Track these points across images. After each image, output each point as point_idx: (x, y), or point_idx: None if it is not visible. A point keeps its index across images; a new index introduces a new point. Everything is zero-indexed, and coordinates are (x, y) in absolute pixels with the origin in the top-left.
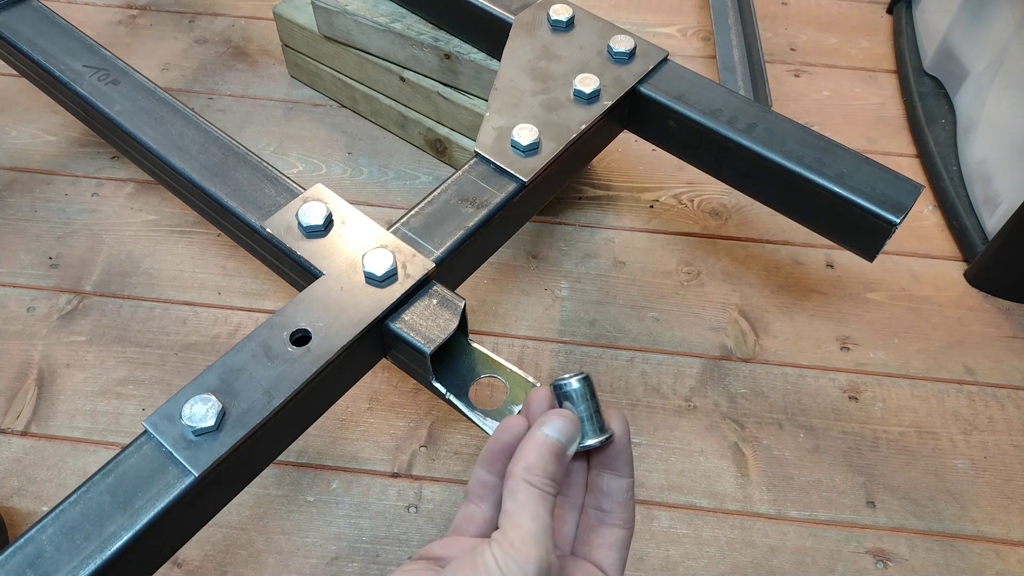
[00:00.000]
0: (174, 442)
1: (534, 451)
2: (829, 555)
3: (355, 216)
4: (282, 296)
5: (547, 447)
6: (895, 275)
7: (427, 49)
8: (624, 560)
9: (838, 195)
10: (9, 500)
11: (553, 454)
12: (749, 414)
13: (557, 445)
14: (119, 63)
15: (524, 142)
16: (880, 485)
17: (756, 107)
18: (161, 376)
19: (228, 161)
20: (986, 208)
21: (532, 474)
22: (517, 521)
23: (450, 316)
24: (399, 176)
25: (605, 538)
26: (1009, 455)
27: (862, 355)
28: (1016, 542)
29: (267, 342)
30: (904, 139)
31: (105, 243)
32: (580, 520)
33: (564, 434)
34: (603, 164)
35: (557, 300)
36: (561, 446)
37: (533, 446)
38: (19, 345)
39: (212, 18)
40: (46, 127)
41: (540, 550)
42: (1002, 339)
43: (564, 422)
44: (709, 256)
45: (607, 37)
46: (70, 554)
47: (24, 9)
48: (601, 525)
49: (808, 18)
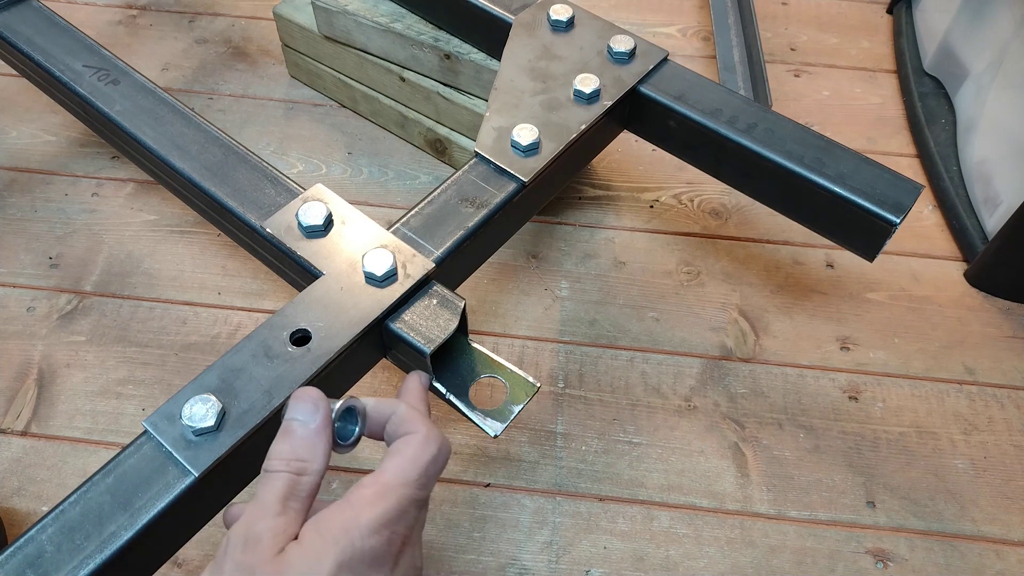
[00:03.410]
0: (174, 442)
1: (276, 440)
2: (829, 555)
3: (355, 216)
4: (282, 296)
5: (283, 431)
6: (895, 275)
7: (427, 49)
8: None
9: (838, 195)
10: (9, 500)
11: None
12: (749, 414)
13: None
14: (119, 63)
15: (524, 142)
16: (880, 485)
17: (756, 107)
18: (161, 376)
19: (228, 161)
20: (986, 208)
21: (268, 460)
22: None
23: (450, 316)
24: (399, 176)
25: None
26: (1009, 455)
27: (862, 355)
28: (1016, 542)
29: (267, 342)
30: (904, 139)
31: (105, 243)
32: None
33: (298, 412)
34: (603, 164)
35: (557, 300)
36: (292, 425)
37: (278, 434)
38: (19, 345)
39: (212, 18)
40: (46, 127)
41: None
42: (1002, 339)
43: (299, 401)
44: (709, 256)
45: (607, 37)
46: (70, 554)
47: (24, 9)
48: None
49: (808, 18)
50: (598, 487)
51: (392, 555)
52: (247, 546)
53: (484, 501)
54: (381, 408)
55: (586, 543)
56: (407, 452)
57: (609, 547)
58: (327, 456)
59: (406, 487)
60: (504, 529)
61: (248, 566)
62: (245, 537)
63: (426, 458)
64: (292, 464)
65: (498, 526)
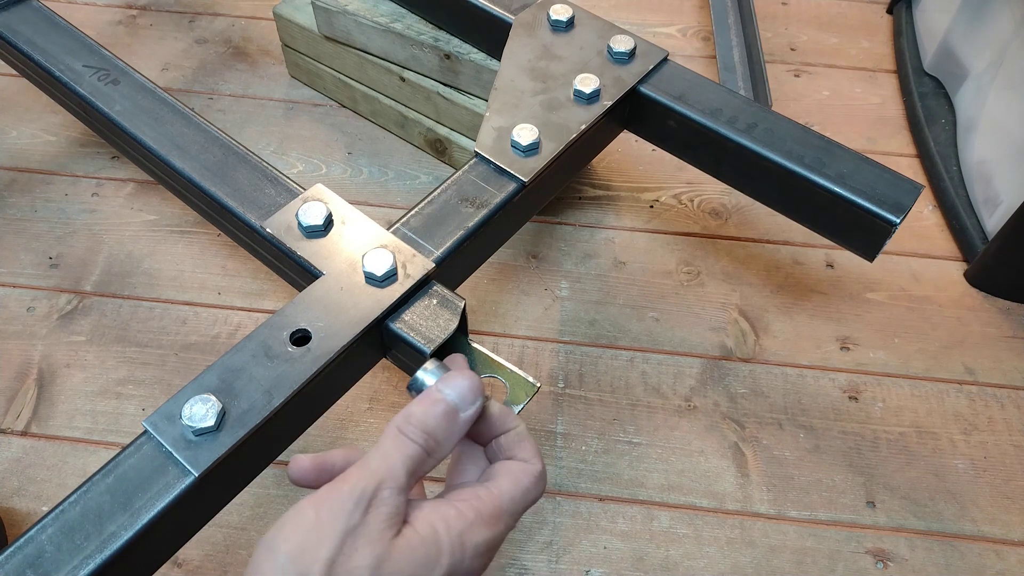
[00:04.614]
0: (174, 442)
1: (421, 404)
2: (829, 555)
3: (355, 216)
4: (282, 296)
5: (435, 403)
6: (895, 275)
7: (427, 49)
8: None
9: (838, 195)
10: (9, 500)
11: (440, 411)
12: (749, 414)
13: (446, 403)
14: (119, 63)
15: (524, 142)
16: (880, 485)
17: (756, 107)
18: (161, 376)
19: (228, 161)
20: (986, 208)
21: (407, 423)
22: (367, 459)
23: (450, 316)
24: (399, 176)
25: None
26: (1009, 455)
27: (862, 355)
28: (1016, 542)
29: (267, 342)
30: (904, 139)
31: (105, 243)
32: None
33: (458, 394)
34: (603, 164)
35: (557, 300)
36: (450, 405)
37: (424, 400)
38: (19, 345)
39: (212, 18)
40: (46, 127)
41: (363, 480)
42: (1002, 339)
43: (463, 383)
44: (709, 256)
45: (607, 37)
46: (70, 554)
47: (24, 9)
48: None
49: (808, 18)
50: (598, 487)
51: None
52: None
53: None
54: (503, 418)
55: (586, 543)
56: (523, 483)
57: (609, 547)
58: (452, 450)
59: (512, 517)
60: None
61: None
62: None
63: (534, 495)
64: (428, 440)
65: None
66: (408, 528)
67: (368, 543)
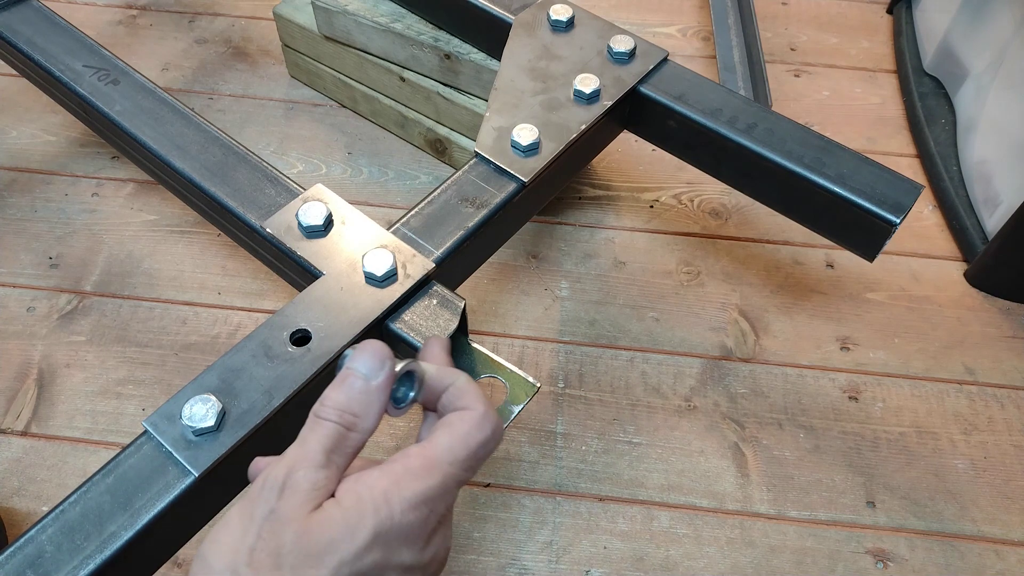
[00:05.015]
0: (174, 442)
1: (332, 386)
2: (829, 555)
3: (355, 216)
4: (282, 296)
5: (342, 380)
6: (895, 275)
7: (427, 49)
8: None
9: (838, 195)
10: (9, 500)
11: (348, 386)
12: (749, 414)
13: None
14: (119, 63)
15: (524, 142)
16: (880, 485)
17: (756, 107)
18: (161, 376)
19: (228, 161)
20: (986, 208)
21: (322, 406)
22: (285, 451)
23: (450, 316)
24: (399, 176)
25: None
26: (1009, 455)
27: (862, 355)
28: (1016, 542)
29: (267, 342)
30: (904, 139)
31: (105, 243)
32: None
33: (363, 364)
34: (603, 164)
35: (557, 300)
36: (358, 377)
37: (335, 381)
38: (19, 345)
39: (212, 18)
40: (46, 127)
41: (276, 469)
42: (1002, 339)
43: (365, 353)
44: (709, 256)
45: (607, 37)
46: (70, 554)
47: (24, 9)
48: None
49: (808, 18)
50: (598, 487)
51: (426, 534)
52: (285, 493)
53: (484, 501)
54: (442, 377)
55: (586, 543)
56: (460, 429)
57: (609, 547)
58: (379, 417)
59: (453, 466)
60: (504, 529)
61: (283, 515)
62: (284, 482)
63: (478, 439)
64: (344, 416)
65: (498, 526)
66: (329, 500)
67: (286, 523)
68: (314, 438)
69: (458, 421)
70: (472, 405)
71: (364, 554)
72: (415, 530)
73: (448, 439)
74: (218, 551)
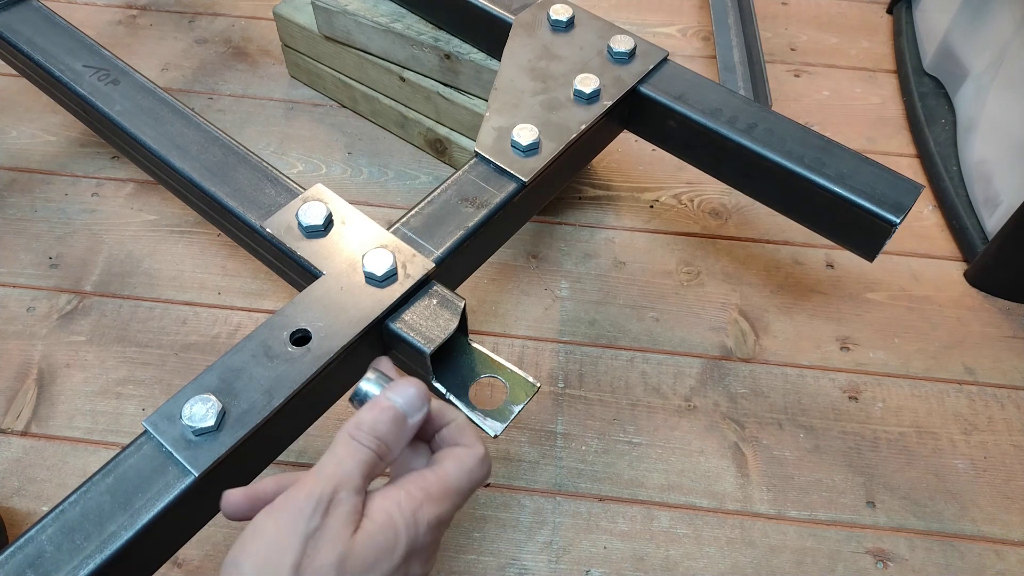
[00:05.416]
0: (174, 442)
1: (370, 411)
2: (829, 555)
3: (355, 216)
4: (282, 296)
5: (384, 410)
6: (895, 275)
7: (427, 49)
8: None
9: (838, 195)
10: (9, 500)
11: (390, 418)
12: (749, 414)
13: (395, 410)
14: (119, 63)
15: (524, 142)
16: (880, 485)
17: (756, 107)
18: (161, 376)
19: (228, 161)
20: (986, 208)
21: (359, 429)
22: (321, 464)
23: (450, 316)
24: (399, 176)
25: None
26: (1009, 455)
27: (862, 355)
28: (1016, 542)
29: (267, 342)
30: (904, 139)
31: (105, 243)
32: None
33: (406, 401)
34: (603, 164)
35: (557, 300)
36: (398, 411)
37: (373, 407)
38: (19, 345)
39: (212, 18)
40: (46, 127)
41: (320, 486)
42: (1002, 339)
43: (411, 391)
44: (709, 256)
45: (607, 37)
46: (70, 554)
47: (24, 9)
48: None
49: (808, 18)
50: (598, 487)
51: (432, 551)
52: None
53: (484, 501)
54: (443, 412)
55: (586, 543)
56: (467, 464)
57: (609, 547)
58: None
59: (460, 496)
60: (504, 529)
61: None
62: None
63: (479, 476)
64: (380, 445)
65: (498, 526)
66: (366, 520)
67: (330, 542)
68: (353, 462)
69: (466, 457)
70: (473, 444)
71: (397, 570)
72: (429, 548)
73: (457, 471)
74: (256, 562)
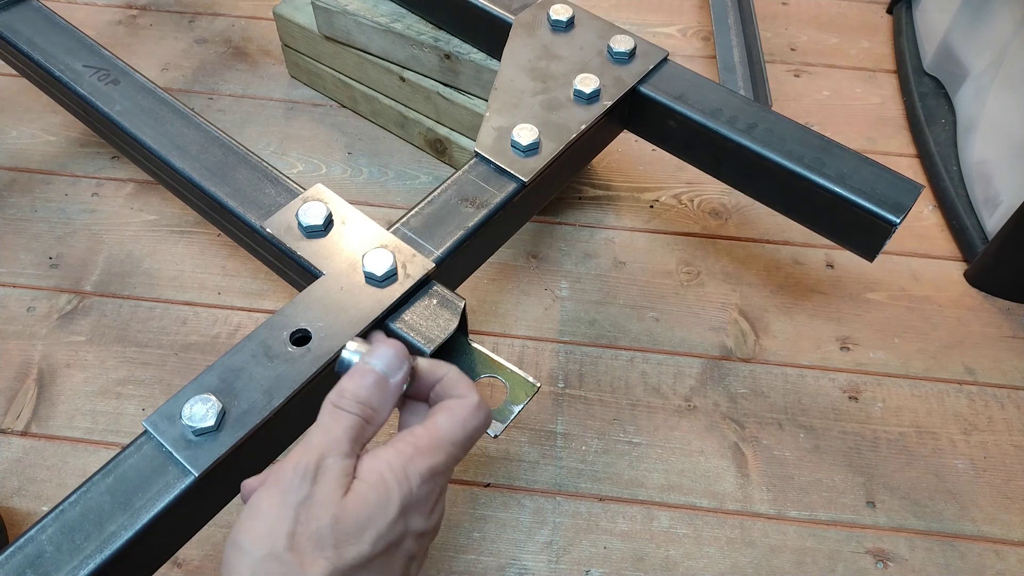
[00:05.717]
0: (174, 442)
1: (351, 379)
2: (829, 555)
3: (355, 216)
4: (282, 296)
5: (364, 375)
6: (895, 275)
7: (427, 49)
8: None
9: (838, 195)
10: (9, 500)
11: (371, 382)
12: (749, 414)
13: (375, 373)
14: (119, 63)
15: (524, 142)
16: (880, 485)
17: (756, 107)
18: (161, 376)
19: (228, 161)
20: (986, 208)
21: (341, 396)
22: (308, 436)
23: (450, 316)
24: (399, 176)
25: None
26: (1009, 455)
27: (862, 355)
28: (1016, 542)
29: (267, 342)
30: (904, 139)
31: (105, 243)
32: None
33: (385, 363)
34: (603, 164)
35: (557, 300)
36: (378, 374)
37: (353, 373)
38: (19, 345)
39: (212, 18)
40: (46, 127)
41: (307, 456)
42: (1002, 339)
43: (388, 352)
44: (709, 256)
45: (607, 37)
46: (70, 554)
47: (24, 9)
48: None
49: (808, 18)
50: (598, 487)
51: (432, 503)
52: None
53: (484, 501)
54: (434, 369)
55: (586, 543)
56: (460, 413)
57: (609, 547)
58: (391, 412)
59: (454, 446)
60: (504, 529)
61: (320, 500)
62: (316, 469)
63: (474, 424)
64: (365, 409)
65: (498, 526)
66: (356, 481)
67: (321, 506)
68: (338, 427)
69: (457, 407)
70: (467, 394)
71: (394, 525)
72: (426, 500)
73: (449, 422)
74: (254, 538)
